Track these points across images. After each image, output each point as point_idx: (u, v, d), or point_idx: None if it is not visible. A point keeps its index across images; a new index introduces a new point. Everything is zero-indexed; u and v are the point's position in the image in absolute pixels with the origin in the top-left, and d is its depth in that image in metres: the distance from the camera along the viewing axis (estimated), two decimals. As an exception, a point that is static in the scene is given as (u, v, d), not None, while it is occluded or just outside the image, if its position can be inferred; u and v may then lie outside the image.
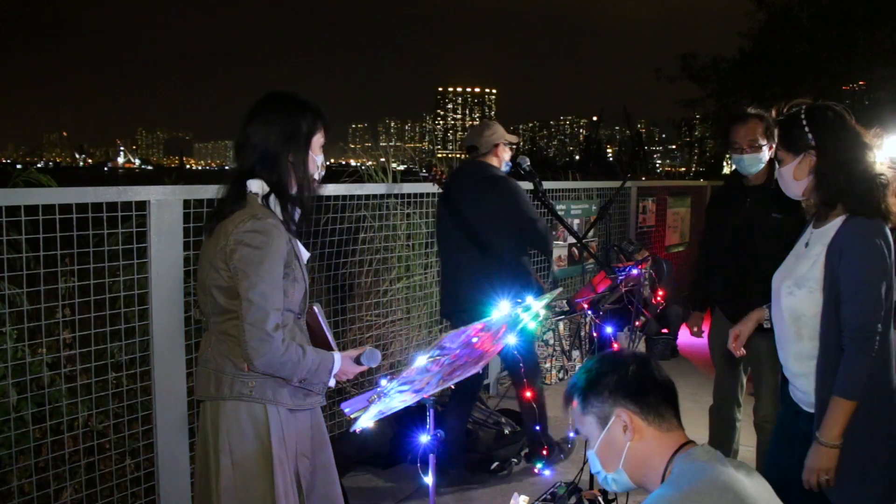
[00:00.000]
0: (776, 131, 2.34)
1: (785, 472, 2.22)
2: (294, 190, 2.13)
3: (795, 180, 2.24)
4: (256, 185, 2.10)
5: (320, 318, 2.30)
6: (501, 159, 3.76)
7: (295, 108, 2.13)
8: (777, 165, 2.33)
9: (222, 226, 2.06)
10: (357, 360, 2.23)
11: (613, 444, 1.61)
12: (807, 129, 2.19)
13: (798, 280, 2.21)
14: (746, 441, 3.64)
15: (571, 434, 3.91)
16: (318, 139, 2.17)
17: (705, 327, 3.63)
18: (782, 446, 2.35)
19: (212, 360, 2.12)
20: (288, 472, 2.15)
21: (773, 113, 2.39)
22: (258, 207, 2.06)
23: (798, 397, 2.28)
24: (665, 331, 6.26)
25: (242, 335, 1.99)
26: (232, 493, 2.10)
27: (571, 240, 5.73)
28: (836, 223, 2.16)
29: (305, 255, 2.25)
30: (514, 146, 3.87)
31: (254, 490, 2.10)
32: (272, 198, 2.10)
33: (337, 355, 2.18)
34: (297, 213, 2.17)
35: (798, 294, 2.20)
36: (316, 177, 2.20)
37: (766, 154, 3.21)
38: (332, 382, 2.21)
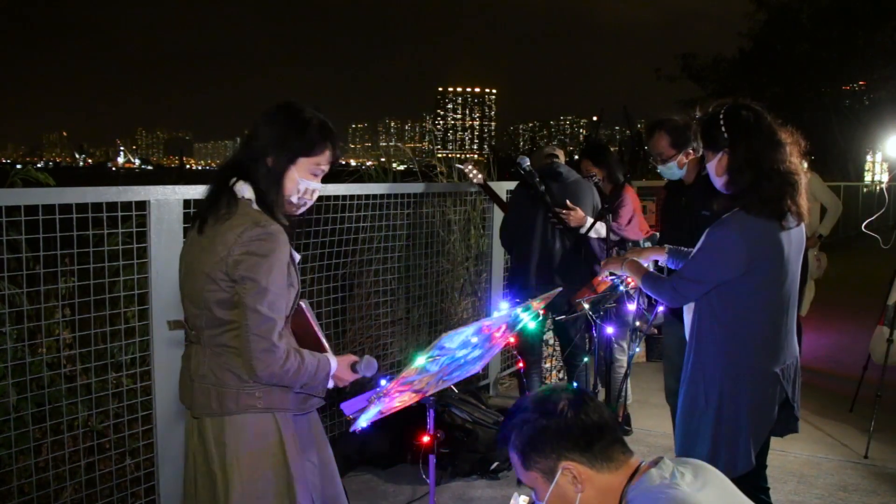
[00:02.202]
0: (699, 131, 2.48)
1: None
2: (271, 199, 2.00)
3: (717, 177, 2.41)
4: (248, 191, 1.99)
5: (309, 316, 2.19)
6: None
7: (301, 120, 2.01)
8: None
9: (219, 233, 1.94)
10: (353, 368, 2.15)
11: (564, 496, 1.52)
12: (723, 127, 2.33)
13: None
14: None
15: None
16: (311, 161, 2.02)
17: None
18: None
19: (209, 374, 1.99)
20: (306, 480, 2.08)
21: (698, 112, 2.52)
22: (257, 214, 1.96)
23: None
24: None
25: (247, 345, 1.90)
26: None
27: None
28: (730, 212, 2.37)
29: (297, 257, 2.17)
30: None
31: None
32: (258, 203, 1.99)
33: (332, 358, 2.10)
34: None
35: None
36: (294, 200, 2.04)
37: (680, 160, 3.34)
38: (330, 384, 2.15)
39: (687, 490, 1.43)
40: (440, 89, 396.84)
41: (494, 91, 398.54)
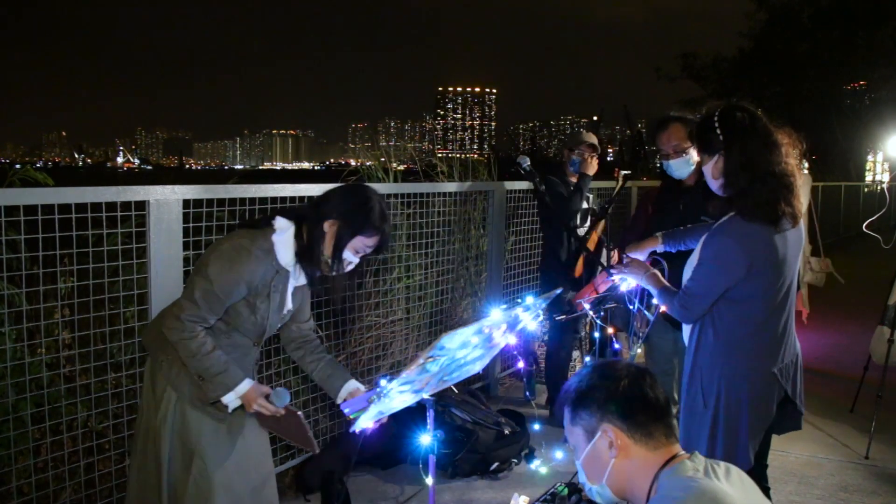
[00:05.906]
0: (694, 134, 2.52)
1: None
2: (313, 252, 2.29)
3: (714, 179, 2.39)
4: (283, 225, 2.29)
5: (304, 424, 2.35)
6: (566, 161, 4.54)
7: (366, 202, 2.29)
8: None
9: (232, 236, 2.33)
10: (267, 398, 2.31)
11: (598, 458, 1.58)
12: (718, 130, 2.31)
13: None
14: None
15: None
16: (362, 239, 2.29)
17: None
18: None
19: (161, 320, 2.38)
20: (157, 455, 2.35)
21: (689, 115, 2.53)
22: (262, 238, 2.27)
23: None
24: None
25: (171, 305, 2.33)
26: (136, 447, 2.46)
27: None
28: (725, 218, 2.37)
29: (289, 306, 2.42)
30: (579, 149, 4.47)
31: (144, 452, 2.42)
32: (291, 242, 2.29)
33: (248, 380, 2.31)
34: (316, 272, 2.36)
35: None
36: (335, 267, 2.31)
37: (693, 156, 3.27)
38: (229, 400, 2.28)
39: (718, 484, 1.47)
40: (440, 89, 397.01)
41: (494, 91, 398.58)
